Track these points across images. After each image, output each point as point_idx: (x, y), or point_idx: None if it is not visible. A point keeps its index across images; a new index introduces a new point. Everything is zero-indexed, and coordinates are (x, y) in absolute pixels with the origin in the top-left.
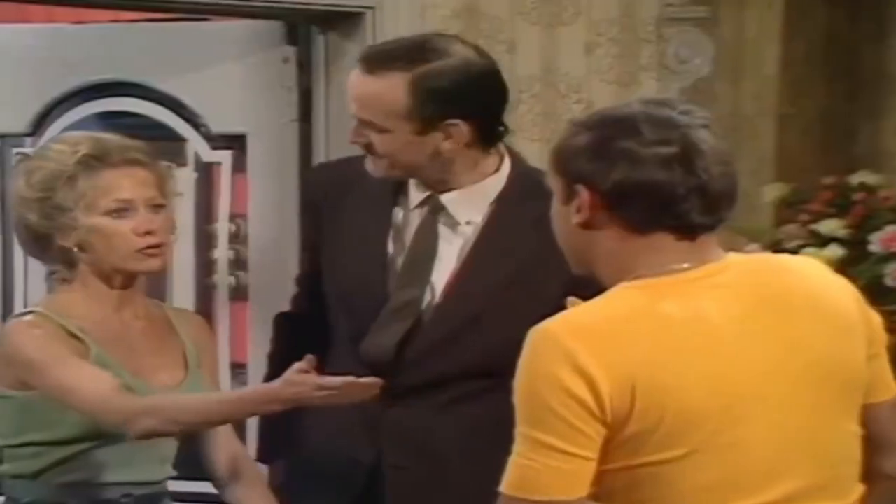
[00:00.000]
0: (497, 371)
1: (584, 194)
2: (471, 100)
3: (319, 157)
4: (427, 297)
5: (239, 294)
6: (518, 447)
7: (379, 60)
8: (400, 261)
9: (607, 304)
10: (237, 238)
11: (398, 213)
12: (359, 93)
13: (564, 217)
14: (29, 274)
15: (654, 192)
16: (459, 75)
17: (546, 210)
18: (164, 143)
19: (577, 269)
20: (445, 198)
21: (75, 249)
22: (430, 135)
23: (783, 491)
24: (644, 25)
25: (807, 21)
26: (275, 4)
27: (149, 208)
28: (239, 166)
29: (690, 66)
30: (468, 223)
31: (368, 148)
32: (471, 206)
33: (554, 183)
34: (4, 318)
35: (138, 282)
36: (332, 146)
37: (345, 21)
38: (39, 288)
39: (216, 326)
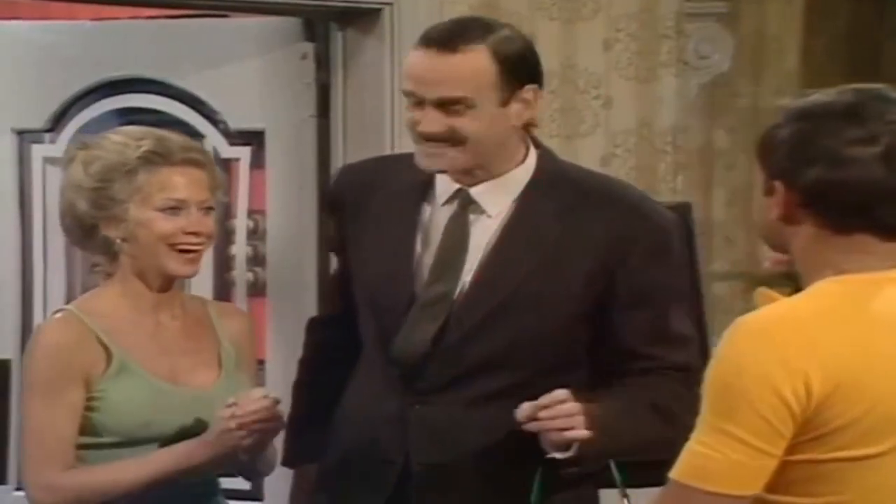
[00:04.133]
0: (523, 364)
1: (780, 190)
2: (535, 65)
3: (337, 153)
4: (457, 292)
5: (257, 290)
6: (700, 436)
7: (455, 37)
8: (427, 258)
9: (813, 300)
10: (255, 234)
11: (425, 211)
12: (446, 72)
13: (766, 208)
14: (48, 270)
15: (854, 192)
16: (523, 41)
17: (570, 201)
18: None
19: (775, 250)
20: (475, 191)
21: (119, 241)
22: (511, 105)
23: None
24: (663, 21)
25: (828, 16)
26: (293, 1)
27: (200, 210)
28: (257, 162)
29: (710, 61)
30: (497, 215)
31: (449, 135)
32: (499, 197)
33: (759, 173)
34: (24, 315)
35: (177, 282)
36: (349, 142)
37: (363, 17)
38: (58, 284)
39: None
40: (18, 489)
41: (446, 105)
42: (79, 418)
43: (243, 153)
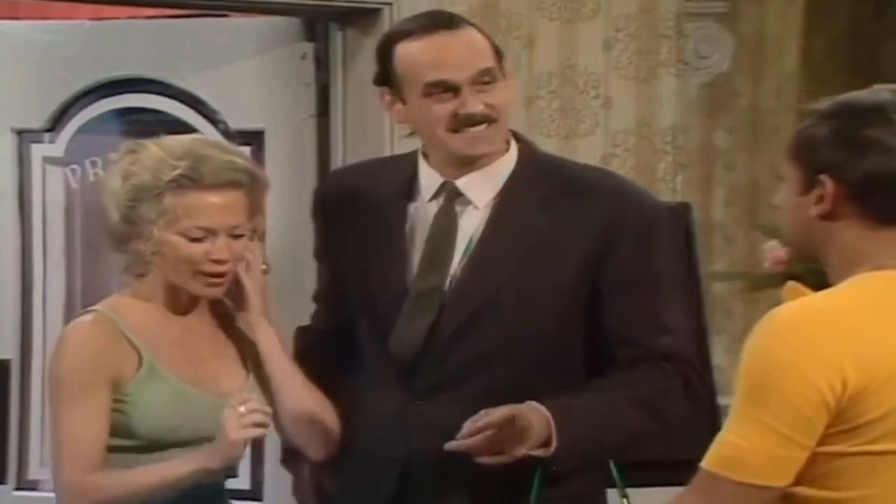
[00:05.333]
0: (518, 358)
1: (828, 185)
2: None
3: (337, 152)
4: (448, 284)
5: None
6: (733, 426)
7: (447, 18)
8: (416, 253)
9: (850, 293)
10: (254, 234)
11: (412, 208)
12: (469, 46)
13: (800, 208)
14: (48, 269)
15: None
16: None
17: (554, 190)
18: None
19: (801, 258)
20: (461, 182)
21: (148, 254)
22: (507, 78)
23: None
24: (663, 21)
25: (828, 16)
26: (293, 1)
27: (229, 236)
28: (257, 162)
29: (710, 61)
30: (483, 206)
31: (487, 113)
32: (485, 188)
33: (791, 173)
34: (23, 315)
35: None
36: (349, 142)
37: (363, 17)
38: (58, 284)
39: None
40: (18, 489)
41: (479, 81)
42: (108, 420)
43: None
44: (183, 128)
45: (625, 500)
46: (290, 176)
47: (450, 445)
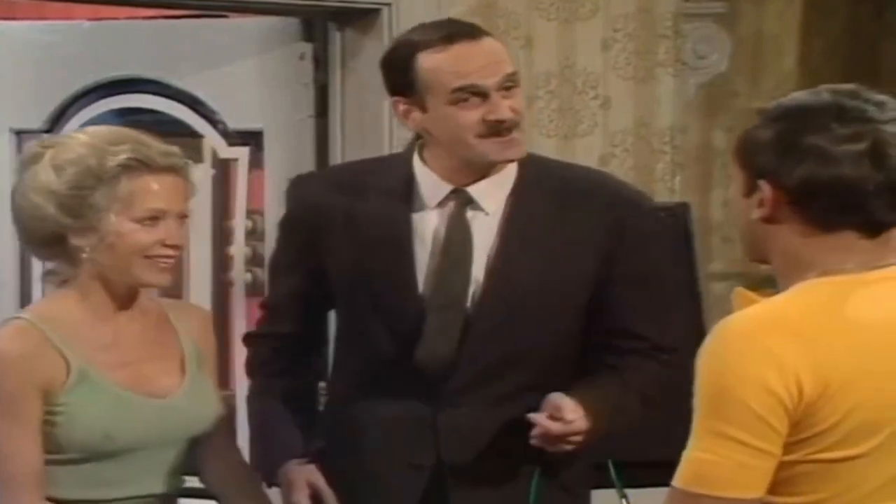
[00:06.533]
0: (543, 359)
1: (766, 190)
2: None
3: (336, 153)
4: (470, 293)
5: (255, 290)
6: (698, 441)
7: (471, 27)
8: (425, 261)
9: (799, 300)
10: (254, 234)
11: (415, 214)
12: (496, 52)
13: (745, 209)
14: None
15: (842, 189)
16: None
17: (559, 193)
18: (180, 140)
19: (751, 257)
20: (473, 189)
21: (88, 249)
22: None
23: None
24: (662, 21)
25: (826, 16)
26: (291, 1)
27: (177, 220)
28: (256, 163)
29: (708, 61)
30: (493, 213)
31: (515, 118)
32: (495, 194)
33: (736, 174)
34: None
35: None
36: (348, 142)
37: (361, 17)
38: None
39: (232, 322)
40: None
41: (505, 86)
42: (40, 435)
43: (242, 153)
44: (181, 128)
45: (624, 501)
46: (289, 176)
47: (532, 417)
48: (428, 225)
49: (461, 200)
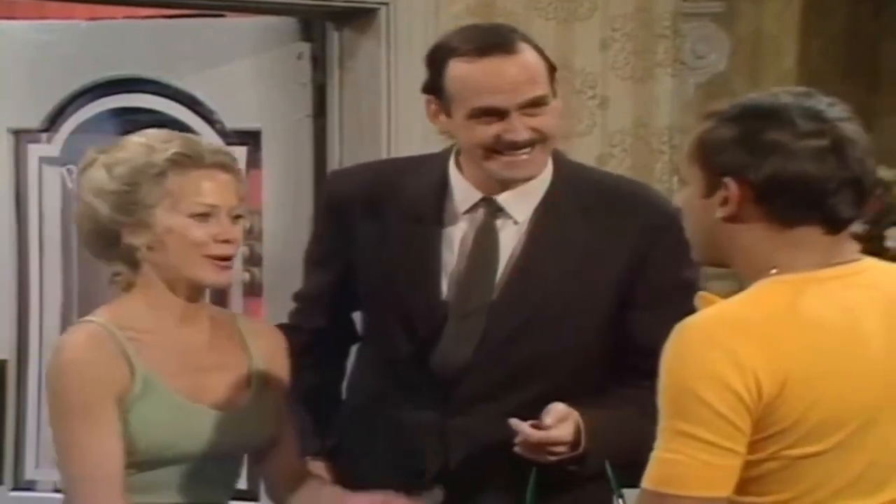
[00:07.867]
0: (558, 371)
1: (732, 187)
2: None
3: (334, 153)
4: (492, 302)
5: (253, 290)
6: (664, 443)
7: (505, 39)
8: (455, 267)
9: (756, 300)
10: (251, 234)
11: (446, 220)
12: (523, 74)
13: (704, 210)
14: (45, 270)
15: (807, 185)
16: None
17: (591, 202)
18: None
19: (706, 262)
20: (502, 198)
21: (144, 248)
22: (556, 97)
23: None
24: (660, 21)
25: (825, 16)
26: (289, 1)
27: (230, 217)
28: (253, 162)
29: (707, 61)
30: (523, 222)
31: (534, 138)
32: (525, 203)
33: (694, 175)
34: (20, 316)
35: (204, 294)
36: (346, 142)
37: (359, 17)
38: (54, 284)
39: None
40: (15, 489)
41: (530, 107)
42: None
43: (239, 153)
44: (180, 127)
45: (620, 501)
46: (287, 176)
47: (515, 424)
48: (457, 231)
49: (491, 209)
